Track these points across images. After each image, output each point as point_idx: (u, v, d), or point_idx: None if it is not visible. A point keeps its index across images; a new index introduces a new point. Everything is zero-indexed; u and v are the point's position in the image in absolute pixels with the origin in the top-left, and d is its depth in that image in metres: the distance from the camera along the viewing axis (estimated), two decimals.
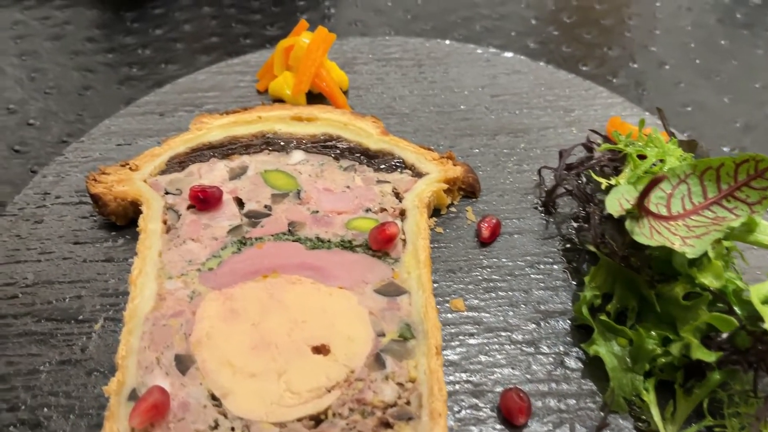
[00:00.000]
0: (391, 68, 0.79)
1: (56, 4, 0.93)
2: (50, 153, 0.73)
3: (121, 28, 0.89)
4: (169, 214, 0.60)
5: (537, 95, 0.76)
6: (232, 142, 0.66)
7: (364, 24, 0.91)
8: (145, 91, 0.80)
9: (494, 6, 0.94)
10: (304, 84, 0.72)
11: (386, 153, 0.66)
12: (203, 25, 0.90)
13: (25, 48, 0.86)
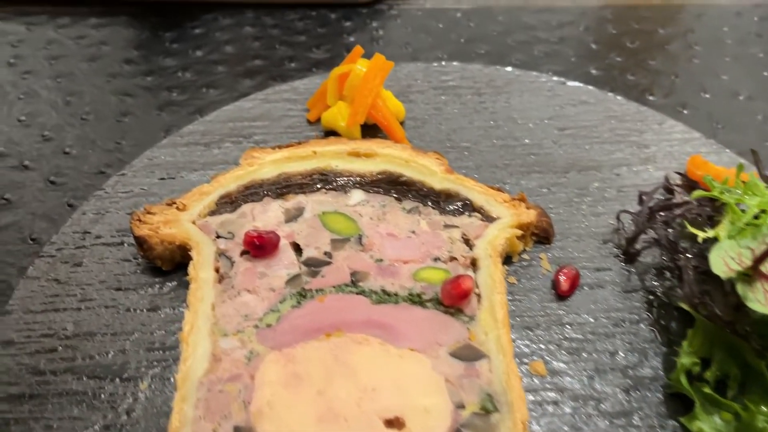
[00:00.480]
0: (448, 97, 0.74)
1: (92, 23, 0.88)
2: (88, 185, 0.69)
3: (159, 49, 0.85)
4: (221, 260, 0.55)
5: (607, 129, 0.71)
6: (287, 180, 0.61)
7: (414, 47, 0.86)
8: (186, 118, 0.76)
9: (551, 29, 0.89)
10: (360, 115, 0.67)
11: (452, 194, 0.61)
12: (246, 47, 0.85)
13: (60, 69, 0.82)
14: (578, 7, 0.93)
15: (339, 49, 0.85)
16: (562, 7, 0.93)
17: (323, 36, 0.87)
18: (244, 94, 0.78)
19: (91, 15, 0.89)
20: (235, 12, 0.90)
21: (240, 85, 0.80)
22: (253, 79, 0.81)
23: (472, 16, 0.91)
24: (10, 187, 0.69)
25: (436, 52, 0.85)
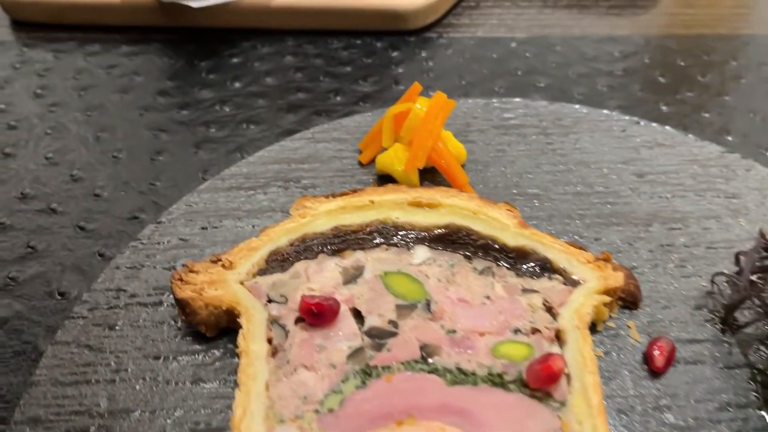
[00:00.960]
0: (512, 137, 0.68)
1: (123, 51, 0.83)
2: (121, 232, 0.63)
3: (195, 80, 0.79)
4: (274, 329, 0.49)
5: (689, 175, 0.64)
6: (343, 234, 0.55)
7: (468, 80, 0.80)
8: (225, 157, 0.70)
9: (614, 60, 0.83)
10: (419, 159, 0.61)
11: (528, 252, 0.54)
12: (287, 78, 0.80)
13: (90, 101, 0.76)
14: (640, 35, 0.87)
15: (387, 81, 0.79)
16: (623, 36, 0.87)
17: (370, 66, 0.82)
18: (287, 131, 0.73)
19: (122, 42, 0.84)
20: (274, 40, 0.85)
21: (282, 121, 0.75)
22: (296, 114, 0.75)
23: (528, 45, 0.85)
24: (36, 233, 0.63)
25: (492, 84, 0.79)
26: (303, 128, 0.73)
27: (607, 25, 0.88)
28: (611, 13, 0.90)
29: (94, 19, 0.85)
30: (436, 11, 0.86)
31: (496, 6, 0.91)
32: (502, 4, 0.92)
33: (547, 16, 0.90)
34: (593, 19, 0.89)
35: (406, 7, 0.83)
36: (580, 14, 0.90)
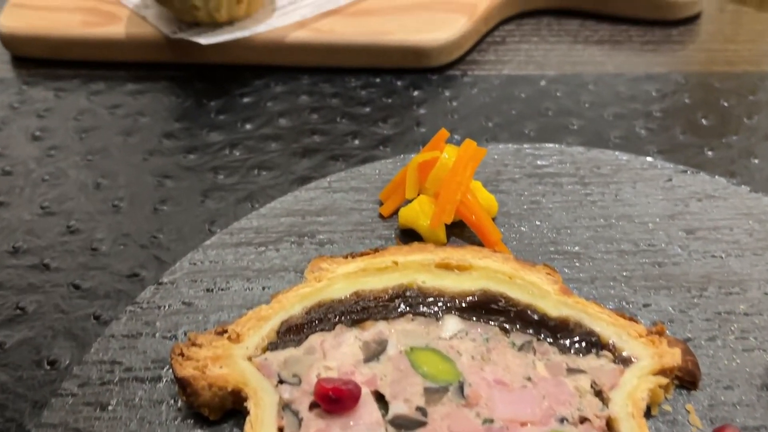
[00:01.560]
0: (547, 187, 0.62)
1: (129, 89, 0.78)
2: (119, 292, 0.57)
3: (204, 121, 0.74)
4: (286, 415, 0.43)
5: (744, 231, 0.58)
6: (363, 301, 0.49)
7: (495, 121, 0.74)
8: (234, 207, 0.65)
9: (652, 100, 0.77)
10: (447, 214, 0.56)
11: (572, 324, 0.48)
12: (302, 119, 0.74)
13: (92, 144, 0.72)
14: (679, 72, 0.81)
15: (408, 123, 0.74)
16: (661, 73, 0.81)
17: (390, 107, 0.76)
18: (302, 178, 0.67)
19: (128, 80, 0.79)
20: (289, 77, 0.80)
21: (296, 166, 0.69)
22: (312, 159, 0.70)
23: (558, 84, 0.79)
24: (27, 293, 0.58)
25: (522, 127, 0.74)
26: (318, 174, 0.68)
27: (642, 62, 0.83)
28: (646, 49, 0.85)
29: (99, 56, 0.80)
30: (460, 47, 0.81)
31: (524, 41, 0.86)
32: (529, 39, 0.87)
33: (579, 52, 0.84)
34: (628, 56, 0.83)
35: (429, 44, 0.78)
36: (614, 50, 0.85)
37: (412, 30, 0.80)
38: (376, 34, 0.79)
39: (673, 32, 0.88)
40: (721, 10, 0.92)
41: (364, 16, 0.82)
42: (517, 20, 0.90)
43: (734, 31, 0.88)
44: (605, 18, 0.90)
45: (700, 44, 0.86)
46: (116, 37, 0.79)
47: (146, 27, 0.80)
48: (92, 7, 0.83)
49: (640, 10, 0.89)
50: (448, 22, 0.81)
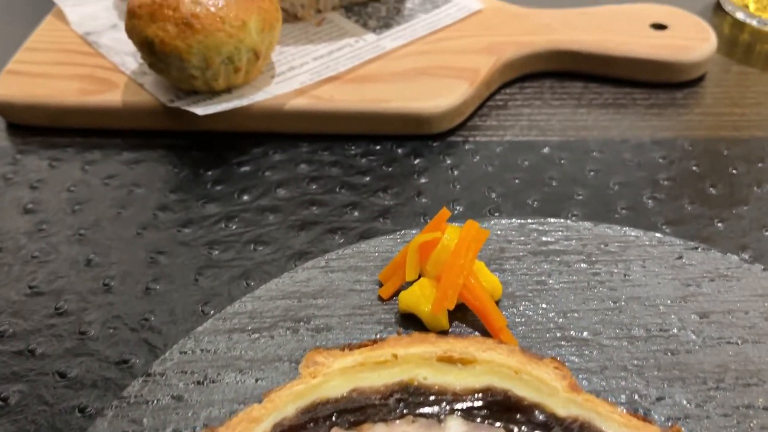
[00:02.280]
0: (552, 266, 0.60)
1: (124, 158, 0.77)
2: (107, 381, 0.55)
3: (200, 192, 0.73)
4: None
5: (761, 315, 0.56)
6: (361, 399, 0.47)
7: (498, 191, 0.73)
8: (228, 284, 0.63)
9: (658, 168, 0.75)
10: (449, 300, 0.53)
11: (583, 425, 0.45)
12: (301, 190, 0.73)
13: (85, 218, 0.70)
14: (685, 138, 0.79)
15: (409, 193, 0.72)
16: (667, 139, 0.79)
17: (390, 176, 0.75)
18: (299, 252, 0.65)
19: (124, 148, 0.78)
20: (288, 145, 0.78)
21: (294, 240, 0.67)
22: (309, 232, 0.68)
23: (562, 151, 0.78)
24: (10, 382, 0.55)
25: (526, 196, 0.72)
26: (316, 249, 0.66)
27: (647, 127, 0.81)
28: (651, 113, 0.83)
29: (96, 123, 0.79)
30: (462, 114, 0.80)
31: (526, 105, 0.85)
32: (532, 103, 0.85)
33: (582, 116, 0.83)
34: (632, 120, 0.82)
35: (430, 111, 0.77)
36: (618, 114, 0.83)
37: (413, 97, 0.79)
38: (376, 101, 0.78)
39: (677, 95, 0.87)
40: (726, 71, 0.91)
41: (364, 82, 0.81)
42: (519, 83, 0.89)
43: (740, 94, 0.87)
44: (608, 80, 0.89)
45: (705, 108, 0.85)
46: (113, 105, 0.78)
47: (143, 95, 0.79)
48: (89, 74, 0.82)
49: (643, 73, 0.87)
50: (449, 88, 0.80)
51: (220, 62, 0.73)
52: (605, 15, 0.94)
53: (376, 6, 0.96)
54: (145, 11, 0.71)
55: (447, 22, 0.92)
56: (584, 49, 0.87)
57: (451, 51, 0.87)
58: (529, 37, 0.89)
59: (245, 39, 0.73)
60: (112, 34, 0.89)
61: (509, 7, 0.97)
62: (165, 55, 0.71)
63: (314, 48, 0.87)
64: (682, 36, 0.89)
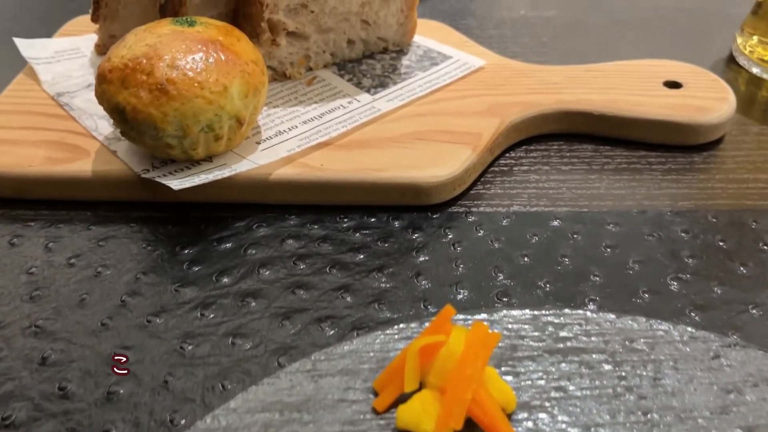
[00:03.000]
0: (572, 366, 0.53)
1: (93, 234, 0.70)
2: None
3: (175, 273, 0.65)
4: None
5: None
6: None
7: (507, 271, 0.65)
8: (202, 387, 0.55)
9: (681, 245, 0.68)
10: (455, 418, 0.46)
11: None
12: (286, 270, 0.66)
13: (44, 306, 0.62)
14: (707, 208, 0.73)
15: (406, 273, 0.65)
16: (687, 208, 0.73)
17: (386, 254, 0.68)
18: (282, 347, 0.58)
19: (93, 222, 0.71)
20: (273, 218, 0.71)
21: (278, 332, 0.60)
22: (295, 322, 0.61)
23: (574, 223, 0.71)
24: None
25: (536, 277, 0.65)
26: (302, 342, 0.59)
27: (666, 195, 0.75)
28: (669, 179, 0.77)
29: (64, 195, 0.72)
30: (464, 183, 0.73)
31: (533, 171, 0.79)
32: (539, 168, 0.79)
33: (594, 183, 0.76)
34: (649, 187, 0.75)
35: (429, 181, 0.70)
36: (633, 181, 0.77)
37: (410, 165, 0.72)
38: (370, 170, 0.71)
39: (695, 158, 0.80)
40: (745, 132, 0.85)
41: (357, 148, 0.75)
42: (525, 145, 0.83)
43: (763, 158, 0.81)
44: (621, 142, 0.83)
45: (727, 173, 0.78)
46: (82, 175, 0.71)
47: (116, 163, 0.72)
48: (58, 140, 0.75)
49: (658, 135, 0.81)
50: (449, 154, 0.73)
51: (199, 130, 0.66)
52: (615, 72, 0.88)
53: (370, 63, 0.90)
54: (116, 76, 0.65)
55: (446, 80, 0.86)
56: (594, 110, 0.81)
57: (451, 113, 0.80)
58: (535, 96, 0.83)
59: (226, 105, 0.66)
60: (86, 94, 0.82)
61: (513, 63, 0.91)
62: (138, 124, 0.65)
63: (304, 110, 0.80)
64: (699, 95, 0.83)
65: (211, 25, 0.70)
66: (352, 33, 0.89)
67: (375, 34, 0.91)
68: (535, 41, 1.07)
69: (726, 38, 1.06)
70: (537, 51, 1.04)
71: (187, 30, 0.68)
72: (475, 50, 0.94)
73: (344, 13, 0.86)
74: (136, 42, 0.67)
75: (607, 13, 1.15)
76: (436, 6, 1.18)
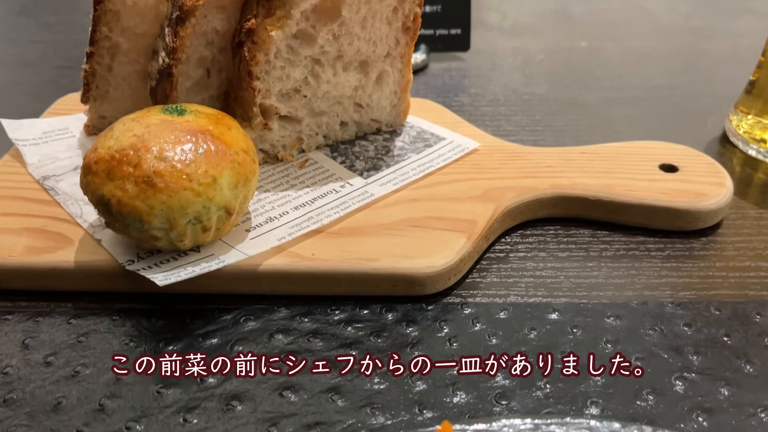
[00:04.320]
0: None
1: (73, 329, 0.67)
2: None
3: (154, 377, 0.62)
4: None
5: None
6: None
7: (505, 372, 0.63)
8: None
9: (684, 340, 0.66)
10: None
11: None
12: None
13: (16, 412, 0.59)
14: (710, 299, 0.71)
15: (406, 359, 0.62)
16: (689, 300, 0.71)
17: (379, 350, 0.65)
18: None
19: (75, 314, 0.68)
20: (262, 310, 0.69)
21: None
22: (282, 429, 0.57)
23: (573, 315, 0.69)
24: None
25: (536, 377, 0.62)
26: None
27: (666, 285, 0.73)
28: (669, 267, 0.75)
29: (45, 286, 0.70)
30: (459, 272, 0.71)
31: (529, 258, 0.77)
32: (536, 255, 0.77)
33: (593, 272, 0.74)
34: (649, 276, 0.74)
35: (422, 272, 0.68)
36: (632, 269, 0.75)
37: (403, 254, 0.70)
38: (363, 260, 0.69)
39: (695, 244, 0.79)
40: (744, 216, 0.84)
41: (350, 236, 0.73)
42: (520, 229, 0.81)
43: (763, 244, 0.79)
44: (618, 227, 0.81)
45: (727, 261, 0.77)
46: (64, 266, 0.69)
47: (100, 253, 0.70)
48: (41, 227, 0.73)
49: (656, 221, 0.80)
50: (444, 242, 0.72)
51: (186, 223, 0.64)
52: (610, 155, 0.87)
53: (363, 144, 0.90)
54: (102, 167, 0.63)
55: (440, 163, 0.85)
56: (591, 195, 0.80)
57: (445, 198, 0.79)
58: (530, 180, 0.82)
59: (215, 197, 0.64)
60: (72, 178, 0.81)
61: (507, 145, 0.90)
62: (122, 216, 0.63)
63: (296, 194, 0.79)
64: (696, 180, 0.82)
65: (202, 113, 0.69)
66: (345, 115, 0.88)
67: (368, 116, 0.90)
68: (528, 119, 1.07)
69: (719, 117, 1.06)
70: (531, 129, 1.04)
71: (177, 119, 0.67)
72: (469, 131, 0.93)
73: (337, 96, 0.86)
74: (124, 132, 0.65)
75: (600, 91, 1.16)
76: (430, 82, 1.19)
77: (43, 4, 1.58)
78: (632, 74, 1.23)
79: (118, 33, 0.83)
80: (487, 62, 1.27)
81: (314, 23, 0.78)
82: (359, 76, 0.86)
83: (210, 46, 0.80)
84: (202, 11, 0.76)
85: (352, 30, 0.81)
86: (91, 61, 0.84)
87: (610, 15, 1.51)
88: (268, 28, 0.74)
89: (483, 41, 1.36)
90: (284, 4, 0.74)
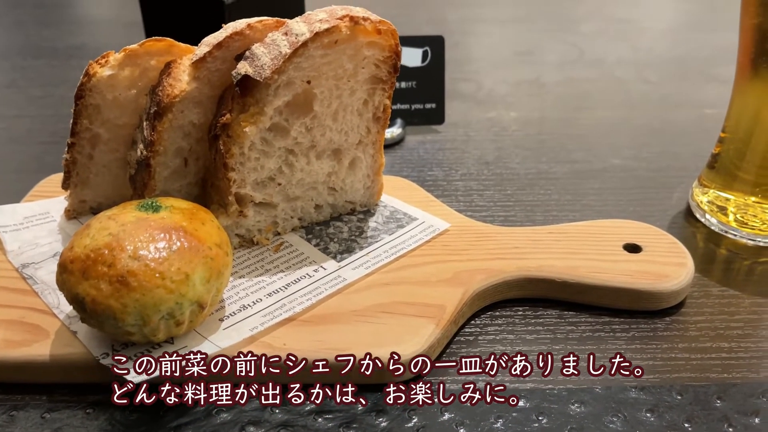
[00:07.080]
0: None
1: (47, 423, 0.68)
2: None
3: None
4: None
5: None
6: None
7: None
8: None
9: (650, 428, 0.67)
10: None
11: None
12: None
13: None
14: (672, 383, 0.73)
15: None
16: (653, 384, 0.73)
17: (374, 428, 0.66)
18: None
19: (48, 408, 0.69)
20: (235, 399, 0.70)
21: None
22: None
23: (540, 402, 0.70)
24: None
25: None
26: None
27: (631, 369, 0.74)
28: (633, 349, 0.77)
29: (19, 378, 0.71)
30: (431, 352, 0.73)
31: (498, 341, 0.79)
32: (504, 338, 0.79)
33: (559, 355, 0.76)
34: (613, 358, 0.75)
35: (392, 361, 0.70)
36: (597, 350, 0.77)
37: (374, 342, 0.72)
38: (334, 349, 0.71)
39: (658, 325, 0.81)
40: (707, 294, 0.87)
41: (321, 323, 0.75)
42: (489, 310, 0.84)
43: (725, 324, 0.81)
44: (584, 307, 0.84)
45: (689, 341, 0.79)
46: (39, 360, 0.70)
47: (75, 346, 0.71)
48: (18, 318, 0.75)
49: (620, 302, 0.82)
50: (413, 329, 0.74)
51: (159, 319, 0.66)
52: (576, 234, 0.90)
53: (338, 225, 0.92)
54: (77, 267, 0.65)
55: (412, 245, 0.87)
56: (557, 277, 0.83)
57: (415, 281, 0.81)
58: (498, 262, 0.84)
59: (188, 293, 0.66)
60: (51, 265, 0.82)
61: (476, 225, 0.93)
62: (97, 314, 0.65)
63: (270, 280, 0.81)
64: (658, 260, 0.85)
65: (176, 209, 0.72)
66: (320, 199, 0.91)
67: (342, 199, 0.93)
68: (500, 194, 1.10)
69: (684, 188, 1.10)
70: (502, 205, 1.07)
71: (151, 216, 0.69)
72: (441, 210, 0.96)
73: (311, 183, 0.88)
74: (99, 231, 0.67)
75: (570, 164, 1.19)
76: (405, 156, 1.22)
77: (31, 77, 1.62)
78: (602, 145, 1.27)
79: (98, 125, 0.86)
80: (462, 134, 1.31)
81: (287, 117, 0.81)
82: (332, 163, 0.89)
83: (187, 138, 0.83)
84: (179, 106, 0.79)
85: (324, 122, 0.84)
86: (72, 151, 0.87)
87: (583, 84, 1.57)
88: (242, 124, 0.77)
89: (458, 113, 1.40)
90: (257, 101, 0.77)
